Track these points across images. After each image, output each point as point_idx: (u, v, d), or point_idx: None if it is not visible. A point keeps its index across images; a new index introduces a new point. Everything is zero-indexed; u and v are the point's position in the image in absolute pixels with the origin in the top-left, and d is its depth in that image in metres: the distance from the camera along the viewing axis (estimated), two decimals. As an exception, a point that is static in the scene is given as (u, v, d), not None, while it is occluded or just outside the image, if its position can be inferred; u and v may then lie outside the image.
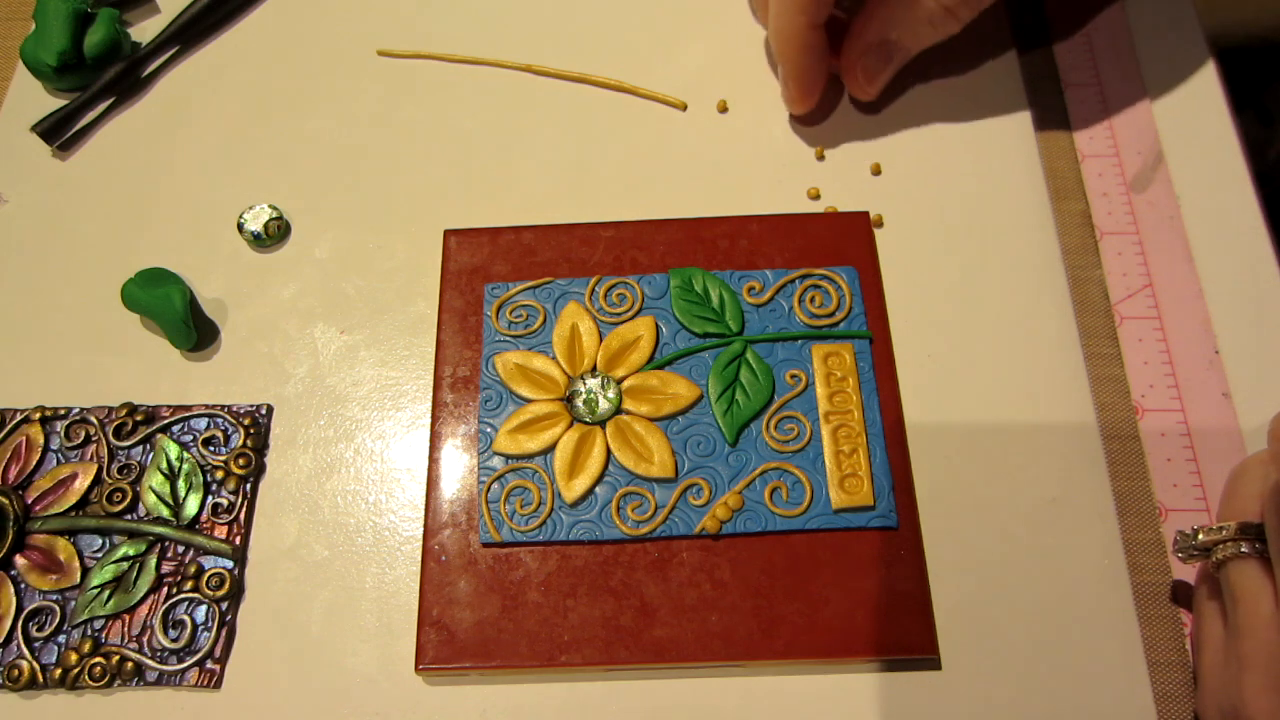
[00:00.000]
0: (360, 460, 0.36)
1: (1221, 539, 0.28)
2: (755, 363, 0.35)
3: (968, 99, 0.41)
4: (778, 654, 0.31)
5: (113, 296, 0.38)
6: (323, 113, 0.43)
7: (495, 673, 0.32)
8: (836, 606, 0.31)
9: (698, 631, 0.31)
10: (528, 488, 0.33)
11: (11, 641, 0.32)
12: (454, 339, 0.36)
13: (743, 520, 0.33)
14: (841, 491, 0.33)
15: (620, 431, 0.34)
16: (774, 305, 0.36)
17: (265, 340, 0.38)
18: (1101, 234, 0.39)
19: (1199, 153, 0.40)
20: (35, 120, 0.42)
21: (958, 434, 0.35)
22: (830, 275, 0.36)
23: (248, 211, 0.40)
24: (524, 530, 0.33)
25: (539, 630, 0.32)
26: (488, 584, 0.32)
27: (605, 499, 0.33)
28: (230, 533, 0.34)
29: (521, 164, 0.41)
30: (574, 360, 0.35)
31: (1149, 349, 0.36)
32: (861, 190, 0.40)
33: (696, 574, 0.32)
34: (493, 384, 0.35)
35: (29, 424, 0.36)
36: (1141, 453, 0.35)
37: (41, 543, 0.34)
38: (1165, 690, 0.31)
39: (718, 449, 0.34)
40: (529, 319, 0.36)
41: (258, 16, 0.46)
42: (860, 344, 0.35)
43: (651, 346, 0.35)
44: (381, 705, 0.32)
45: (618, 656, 0.31)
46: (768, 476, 0.33)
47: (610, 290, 0.37)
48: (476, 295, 0.37)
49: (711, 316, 0.36)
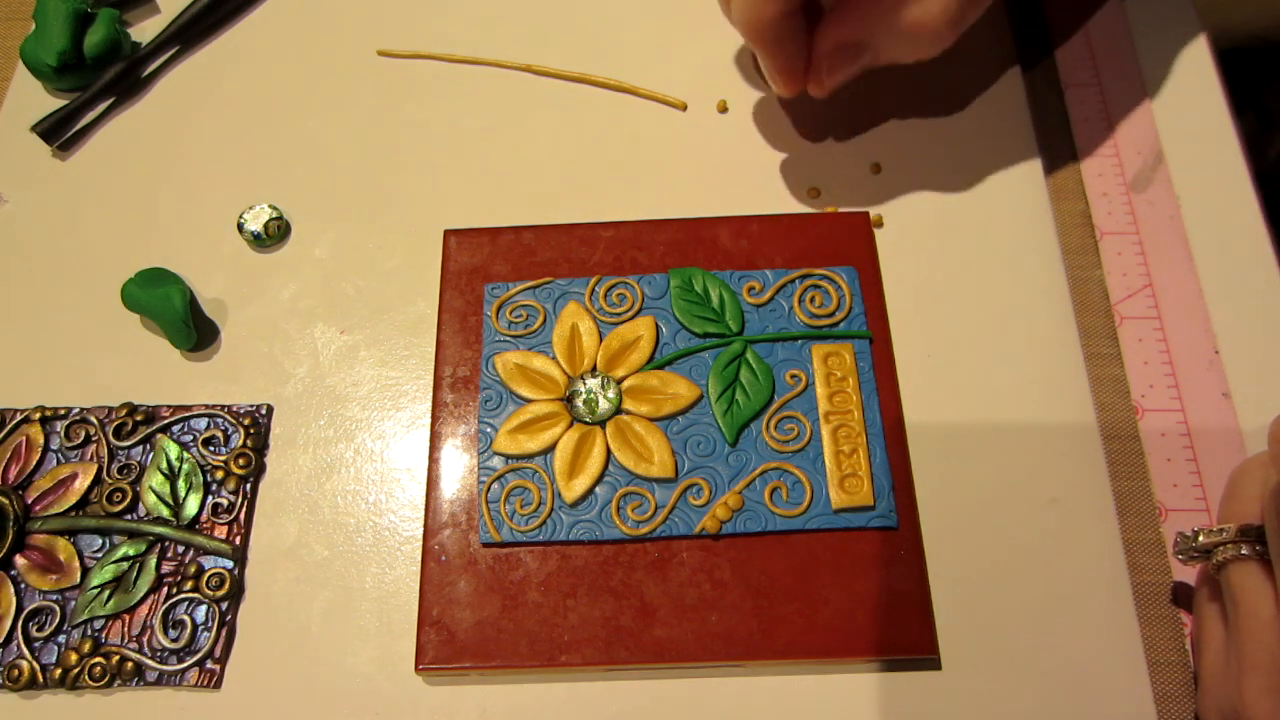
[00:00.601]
0: (360, 460, 0.36)
1: (1222, 541, 0.28)
2: (755, 363, 0.35)
3: (968, 99, 0.41)
4: (778, 654, 0.31)
5: (113, 296, 0.38)
6: (323, 113, 0.43)
7: (495, 673, 0.32)
8: (836, 606, 0.31)
9: (698, 631, 0.31)
10: (528, 488, 0.33)
11: (11, 641, 0.32)
12: (454, 339, 0.36)
13: (743, 520, 0.33)
14: (841, 491, 0.33)
15: (620, 431, 0.34)
16: (774, 305, 0.36)
17: (265, 340, 0.38)
18: (1101, 234, 0.39)
19: (1199, 153, 0.40)
20: (35, 120, 0.42)
21: (958, 434, 0.35)
22: (830, 275, 0.36)
23: (248, 211, 0.40)
24: (524, 530, 0.33)
25: (539, 630, 0.32)
26: (488, 584, 0.32)
27: (605, 499, 0.33)
28: (230, 533, 0.34)
29: (521, 164, 0.41)
30: (574, 360, 0.35)
31: (1149, 349, 0.36)
32: (861, 190, 0.40)
33: (696, 574, 0.32)
34: (493, 384, 0.35)
35: (29, 424, 0.36)
36: (1141, 453, 0.35)
37: (41, 543, 0.34)
38: (1165, 690, 0.31)
39: (718, 449, 0.34)
40: (529, 319, 0.36)
41: (258, 16, 0.46)
42: (860, 344, 0.35)
43: (651, 346, 0.35)
44: (381, 705, 0.32)
45: (618, 656, 0.31)
46: (768, 476, 0.33)
47: (610, 290, 0.37)
48: (476, 295, 0.37)
49: (711, 316, 0.36)
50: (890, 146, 0.41)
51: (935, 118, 0.41)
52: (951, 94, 0.42)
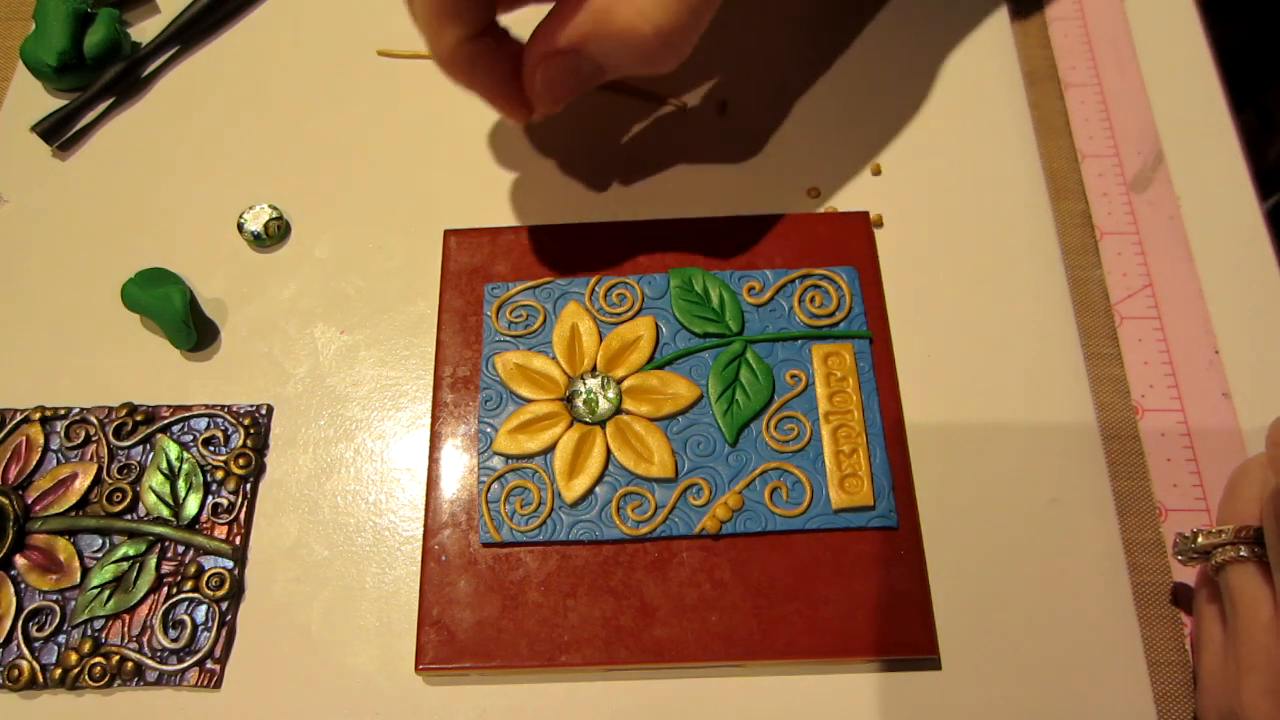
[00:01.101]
0: (360, 460, 0.36)
1: (1220, 542, 0.28)
2: (755, 363, 0.35)
3: (968, 99, 0.41)
4: (777, 654, 0.31)
5: (113, 296, 0.38)
6: (323, 113, 0.43)
7: (495, 673, 0.32)
8: (836, 606, 0.31)
9: (698, 631, 0.31)
10: (528, 488, 0.33)
11: (11, 641, 0.33)
12: (454, 339, 0.36)
13: (743, 520, 0.33)
14: (841, 491, 0.33)
15: (620, 431, 0.34)
16: (774, 305, 0.36)
17: (265, 340, 0.38)
18: (1101, 234, 0.39)
19: (1199, 153, 0.40)
20: (35, 120, 0.42)
21: (958, 434, 0.35)
22: (830, 275, 0.36)
23: (248, 211, 0.40)
24: (524, 530, 0.33)
25: (539, 630, 0.32)
26: (488, 584, 0.32)
27: (605, 499, 0.33)
28: (230, 533, 0.34)
29: (521, 164, 0.41)
30: (574, 360, 0.35)
31: (1149, 349, 0.36)
32: (861, 190, 0.40)
33: (696, 574, 0.32)
34: (493, 384, 0.35)
35: (29, 424, 0.36)
36: (1141, 453, 0.35)
37: (41, 543, 0.34)
38: (1165, 690, 0.31)
39: (718, 449, 0.34)
40: (529, 319, 0.36)
41: (258, 16, 0.46)
42: (860, 344, 0.35)
43: (651, 346, 0.35)
44: (381, 705, 0.32)
45: (618, 656, 0.31)
46: (768, 476, 0.33)
47: (610, 290, 0.37)
48: (476, 295, 0.37)
49: (711, 316, 0.36)
50: (890, 146, 0.41)
51: (935, 118, 0.41)
52: (951, 94, 0.42)
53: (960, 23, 0.43)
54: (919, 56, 0.39)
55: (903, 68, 0.39)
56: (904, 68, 0.40)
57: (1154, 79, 0.42)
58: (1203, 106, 0.41)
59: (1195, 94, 0.41)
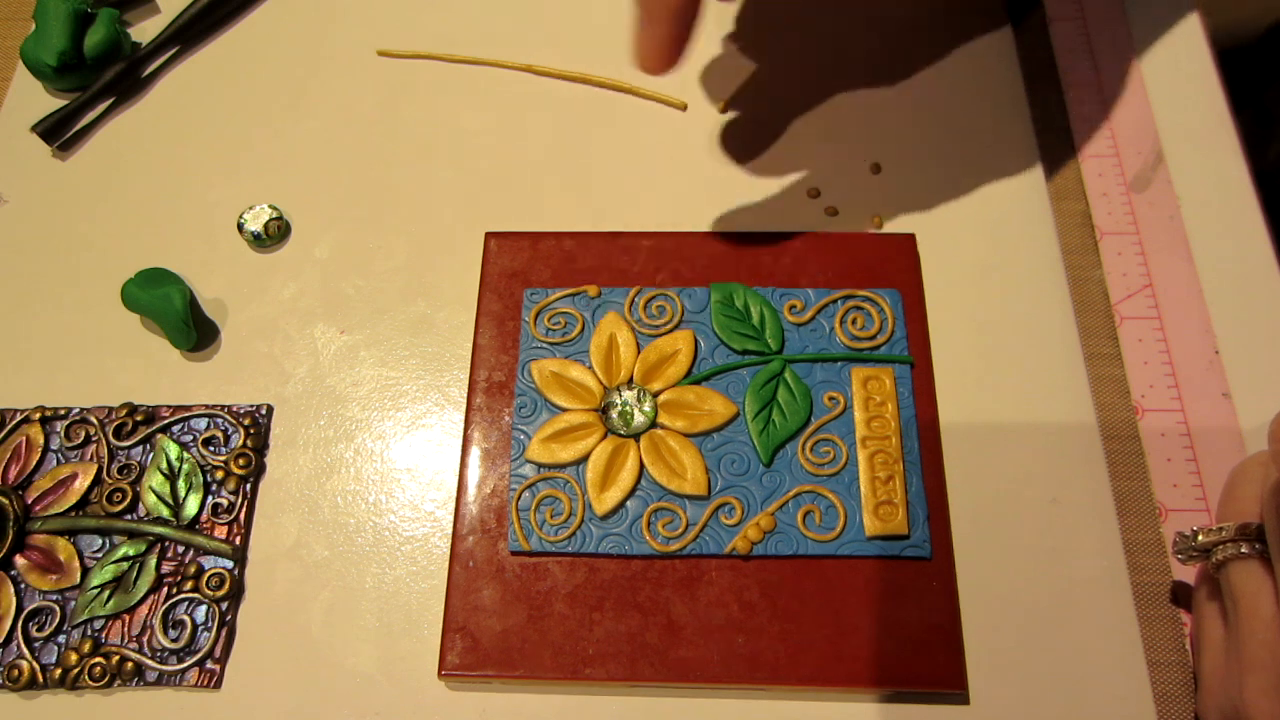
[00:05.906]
0: (360, 460, 0.36)
1: (1221, 540, 0.28)
2: (793, 383, 0.34)
3: (968, 99, 0.41)
4: (803, 680, 0.30)
5: (113, 296, 0.38)
6: (323, 113, 0.43)
7: (514, 682, 0.31)
8: (865, 635, 0.31)
9: (723, 653, 0.31)
10: (559, 497, 0.33)
11: (11, 641, 0.32)
12: (491, 343, 0.36)
13: (774, 542, 0.32)
14: (875, 518, 0.32)
15: (654, 446, 0.34)
16: (815, 325, 0.35)
17: (265, 340, 0.38)
18: (1101, 234, 0.39)
19: (1199, 153, 0.40)
20: (35, 120, 0.42)
21: (957, 434, 0.35)
22: (873, 297, 0.36)
23: (248, 211, 0.40)
24: (553, 540, 0.32)
25: (564, 642, 0.31)
26: (514, 593, 0.32)
27: (636, 513, 0.33)
28: (230, 533, 0.34)
29: (521, 164, 0.41)
30: (610, 371, 0.35)
31: (1149, 349, 0.36)
32: (861, 190, 0.40)
33: (725, 594, 0.32)
34: (528, 390, 0.35)
35: (29, 424, 0.36)
36: (1141, 453, 0.35)
37: (41, 543, 0.34)
38: (1165, 690, 0.31)
39: (752, 468, 0.33)
40: (567, 326, 0.36)
41: (258, 16, 0.46)
42: (901, 369, 0.35)
43: (689, 361, 0.35)
44: (382, 705, 0.32)
45: (642, 674, 0.31)
46: (801, 499, 0.33)
47: (650, 301, 0.36)
48: (515, 300, 0.36)
49: (751, 333, 0.35)
50: (890, 146, 0.41)
51: (935, 118, 0.41)
52: (951, 94, 0.42)
53: (960, 23, 0.43)
54: (919, 56, 0.39)
55: (903, 68, 0.39)
56: (904, 68, 0.39)
57: (1154, 79, 0.42)
58: (1203, 106, 0.41)
59: (1195, 94, 0.41)
